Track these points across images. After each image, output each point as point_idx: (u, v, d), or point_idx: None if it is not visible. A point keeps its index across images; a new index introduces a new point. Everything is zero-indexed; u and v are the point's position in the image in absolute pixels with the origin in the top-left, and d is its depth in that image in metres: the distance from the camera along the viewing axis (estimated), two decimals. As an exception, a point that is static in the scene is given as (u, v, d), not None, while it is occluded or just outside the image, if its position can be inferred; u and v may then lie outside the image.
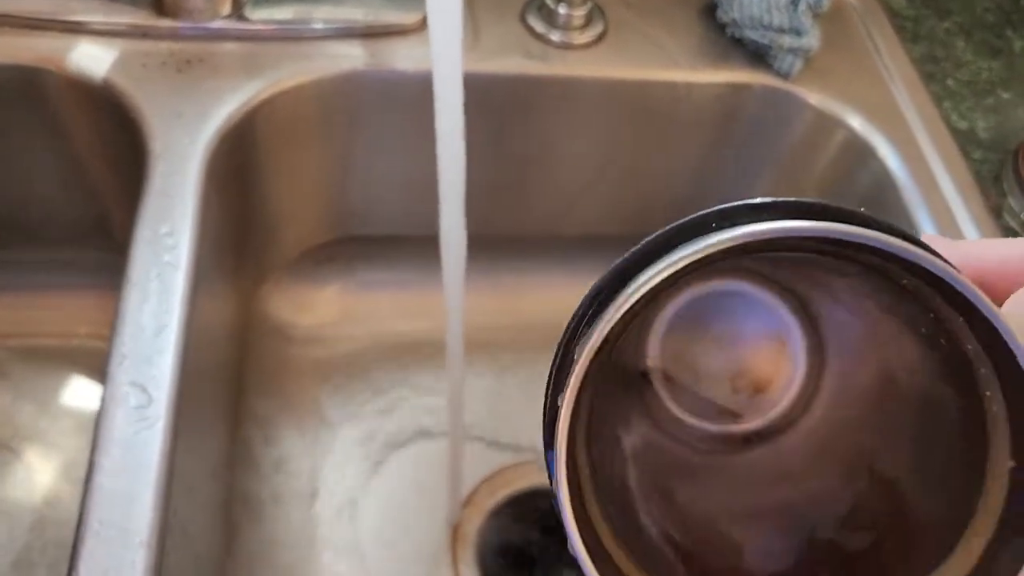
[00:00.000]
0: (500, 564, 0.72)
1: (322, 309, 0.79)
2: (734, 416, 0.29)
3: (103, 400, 0.47)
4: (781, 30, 0.65)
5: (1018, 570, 0.19)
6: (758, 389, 0.28)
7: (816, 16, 0.65)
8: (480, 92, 0.66)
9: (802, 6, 0.64)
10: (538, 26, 0.68)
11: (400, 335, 0.79)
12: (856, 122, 0.66)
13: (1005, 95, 0.70)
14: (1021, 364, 0.18)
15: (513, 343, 0.80)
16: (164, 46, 0.62)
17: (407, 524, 0.72)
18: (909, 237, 0.19)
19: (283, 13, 0.65)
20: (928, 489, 0.23)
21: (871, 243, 0.18)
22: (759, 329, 0.28)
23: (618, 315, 0.19)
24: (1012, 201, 0.62)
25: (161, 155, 0.57)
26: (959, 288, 0.18)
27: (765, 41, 0.66)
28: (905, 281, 0.19)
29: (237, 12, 0.64)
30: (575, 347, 0.21)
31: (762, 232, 0.18)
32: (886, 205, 0.64)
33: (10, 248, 0.74)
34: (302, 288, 0.78)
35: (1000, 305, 0.21)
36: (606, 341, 0.19)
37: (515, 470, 0.75)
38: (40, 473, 0.70)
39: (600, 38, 0.68)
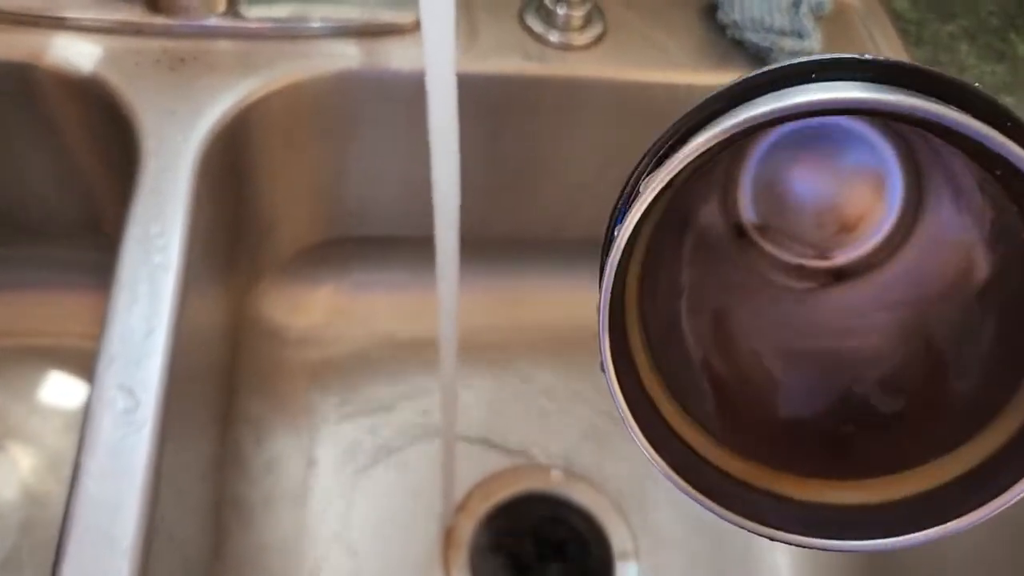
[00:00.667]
0: (493, 569, 0.71)
1: (316, 310, 0.78)
2: (818, 250, 0.28)
3: (89, 403, 0.46)
4: (782, 32, 0.65)
5: (1013, 482, 0.19)
6: (846, 227, 0.28)
7: (818, 19, 0.65)
8: (477, 93, 0.66)
9: (804, 8, 0.63)
10: (536, 26, 0.67)
11: (395, 336, 0.79)
12: (857, 126, 0.65)
13: (1009, 100, 0.69)
14: None
15: (510, 346, 0.79)
16: (157, 43, 0.61)
17: (400, 528, 0.72)
18: (1005, 120, 0.18)
19: (279, 11, 0.64)
20: (970, 369, 0.23)
21: (951, 124, 0.17)
22: (858, 166, 0.27)
23: (680, 166, 0.19)
24: (1014, 208, 0.61)
25: (153, 154, 0.57)
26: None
27: (766, 44, 0.65)
28: (997, 171, 0.19)
29: (232, 9, 0.63)
30: (641, 181, 0.21)
31: (839, 100, 0.18)
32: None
33: (2, 245, 0.73)
34: (296, 288, 0.78)
35: None
36: (670, 184, 0.20)
37: (510, 474, 0.75)
38: (30, 473, 0.70)
39: (599, 39, 0.67)
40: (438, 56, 0.44)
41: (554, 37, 0.66)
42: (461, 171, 0.51)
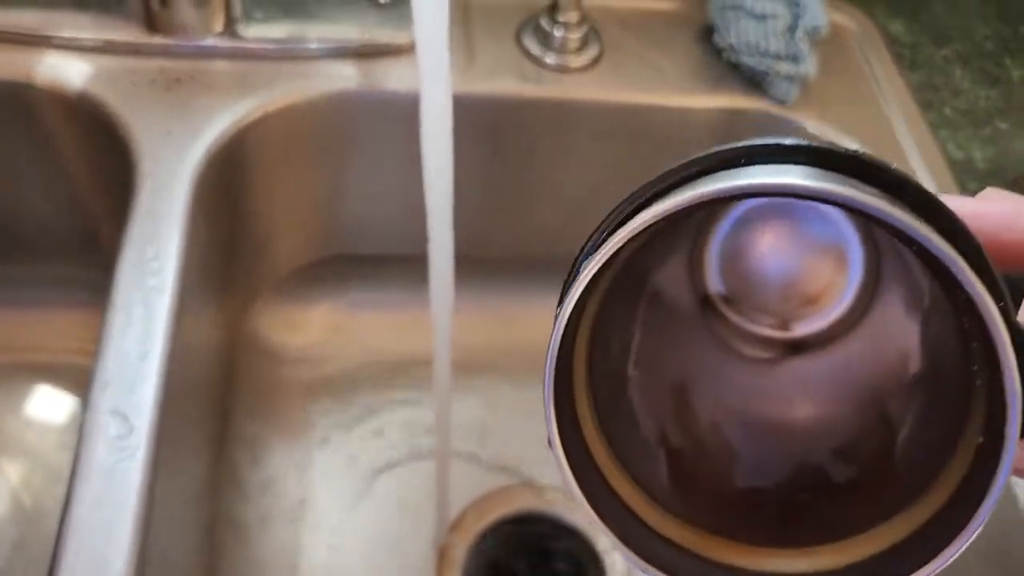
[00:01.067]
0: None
1: (312, 328, 0.78)
2: (781, 322, 0.29)
3: (83, 429, 0.46)
4: (778, 57, 0.65)
5: (952, 538, 0.20)
6: (809, 300, 0.29)
7: (814, 43, 0.65)
8: (474, 114, 0.66)
9: (799, 33, 0.64)
10: (533, 48, 0.67)
11: (391, 355, 0.79)
12: (852, 150, 0.66)
13: (1002, 125, 0.69)
14: (995, 343, 0.18)
15: (505, 364, 0.80)
16: (154, 63, 0.62)
17: (394, 546, 0.72)
18: (918, 198, 0.19)
19: (276, 31, 0.64)
20: (917, 441, 0.24)
21: (859, 206, 0.18)
22: (822, 240, 0.28)
23: (612, 250, 0.20)
24: (1008, 234, 0.61)
25: (149, 175, 0.57)
26: (941, 258, 0.18)
27: (762, 67, 0.66)
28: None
29: (229, 29, 0.63)
30: (581, 263, 0.22)
31: (750, 187, 0.19)
32: (881, 235, 0.63)
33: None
34: (292, 307, 0.78)
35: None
36: (607, 264, 0.20)
37: (504, 493, 0.75)
38: (24, 491, 0.70)
39: (596, 61, 0.67)
40: (433, 77, 0.44)
41: (551, 59, 0.67)
42: (457, 191, 0.51)
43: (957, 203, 0.21)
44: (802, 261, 0.28)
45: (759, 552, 0.23)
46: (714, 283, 0.29)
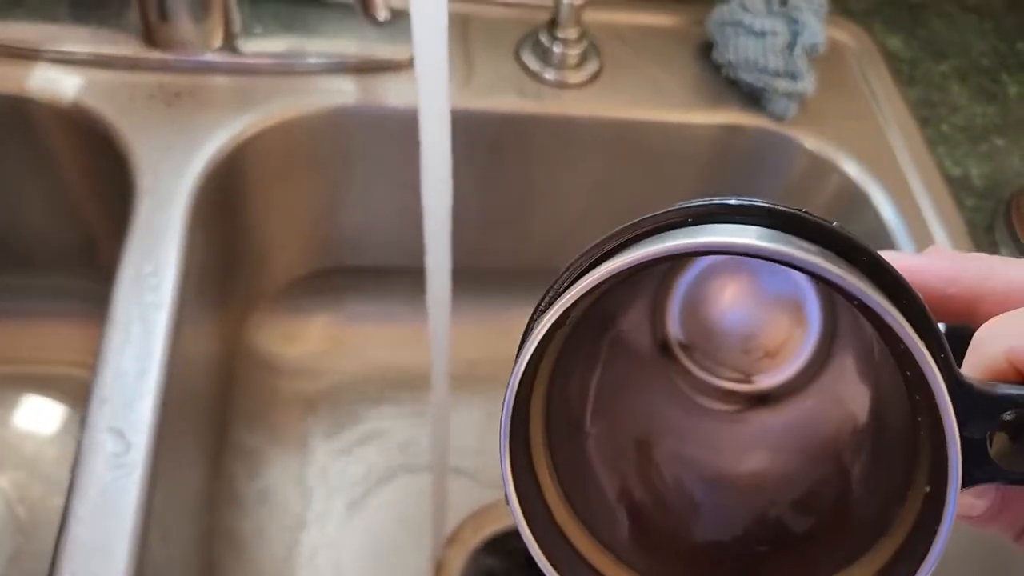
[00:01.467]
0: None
1: (310, 341, 0.79)
2: (742, 375, 0.30)
3: (80, 446, 0.46)
4: (776, 74, 0.65)
5: None
6: (769, 353, 0.29)
7: (812, 60, 0.65)
8: (473, 129, 0.66)
9: (798, 50, 0.64)
10: (532, 64, 0.67)
11: (389, 367, 0.79)
12: (850, 168, 0.66)
13: (999, 142, 0.69)
14: (933, 391, 0.18)
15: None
16: (153, 78, 0.62)
17: (391, 560, 0.72)
18: (861, 256, 0.20)
19: (275, 46, 0.64)
20: (871, 490, 0.24)
21: (798, 264, 0.18)
22: (781, 295, 0.28)
23: (563, 308, 0.20)
24: (1004, 252, 0.61)
25: (148, 191, 0.57)
26: (877, 311, 0.19)
27: (760, 84, 0.66)
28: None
29: (229, 44, 0.63)
30: (535, 319, 0.22)
31: (690, 246, 0.19)
32: (878, 252, 0.63)
33: (-1, 274, 0.73)
34: (290, 319, 0.78)
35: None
36: (562, 317, 0.21)
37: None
38: (20, 504, 0.70)
39: (595, 77, 0.67)
40: (431, 92, 0.44)
41: (550, 75, 0.67)
42: (455, 205, 0.51)
43: (903, 259, 0.22)
44: (762, 315, 0.29)
45: None
46: (675, 331, 0.30)
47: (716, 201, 0.21)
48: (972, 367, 0.21)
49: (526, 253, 0.77)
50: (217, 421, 0.69)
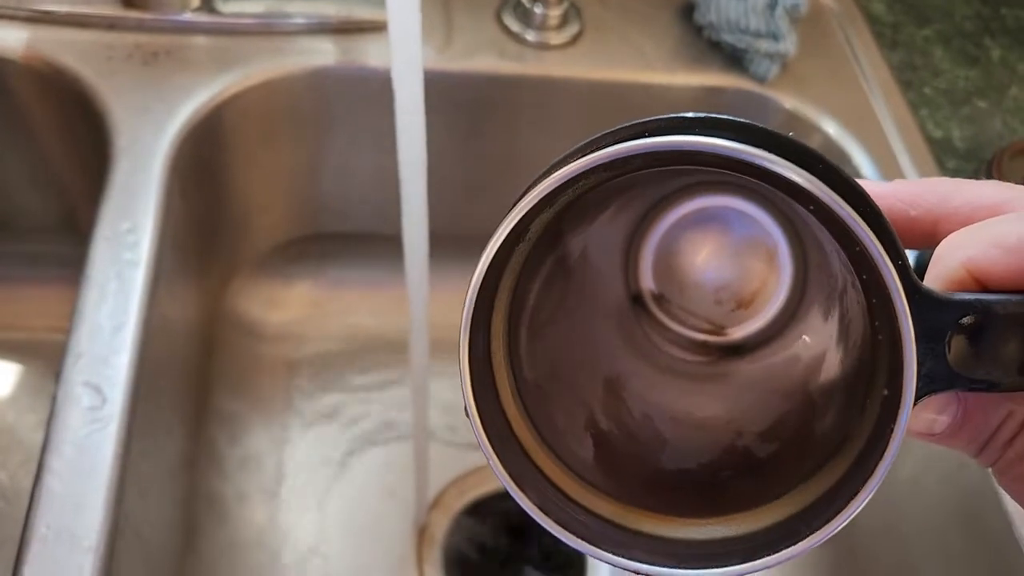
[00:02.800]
0: (466, 567, 0.71)
1: (292, 306, 0.78)
2: (714, 326, 0.30)
3: (55, 400, 0.46)
4: (758, 34, 0.65)
5: (857, 490, 0.20)
6: (741, 303, 0.29)
7: (794, 21, 0.65)
8: (454, 91, 0.66)
9: (779, 11, 0.64)
10: (514, 25, 0.67)
11: (371, 333, 0.79)
12: (831, 128, 0.66)
13: (981, 104, 0.69)
14: (889, 290, 0.19)
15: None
16: (131, 38, 0.61)
17: (373, 525, 0.72)
18: (817, 164, 0.20)
19: (254, 7, 0.64)
20: (834, 410, 0.24)
21: (754, 160, 0.19)
22: (752, 247, 0.28)
23: (514, 222, 0.21)
24: (985, 212, 0.61)
25: (125, 150, 0.56)
26: (833, 208, 0.19)
27: (742, 45, 0.65)
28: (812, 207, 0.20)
29: (207, 5, 0.63)
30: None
31: (635, 147, 0.19)
32: (859, 213, 0.63)
33: (-24, 239, 0.73)
34: (272, 285, 0.78)
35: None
36: (515, 233, 0.21)
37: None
38: (1, 469, 0.69)
39: (576, 38, 0.67)
40: (404, 50, 0.44)
41: (531, 36, 0.66)
42: (436, 169, 0.51)
43: (865, 185, 0.22)
44: (734, 266, 0.29)
45: (680, 522, 0.23)
46: (647, 283, 0.30)
47: (673, 115, 0.21)
48: (932, 280, 0.21)
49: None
50: (198, 384, 0.69)
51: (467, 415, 0.22)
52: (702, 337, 0.30)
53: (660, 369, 0.30)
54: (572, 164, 0.20)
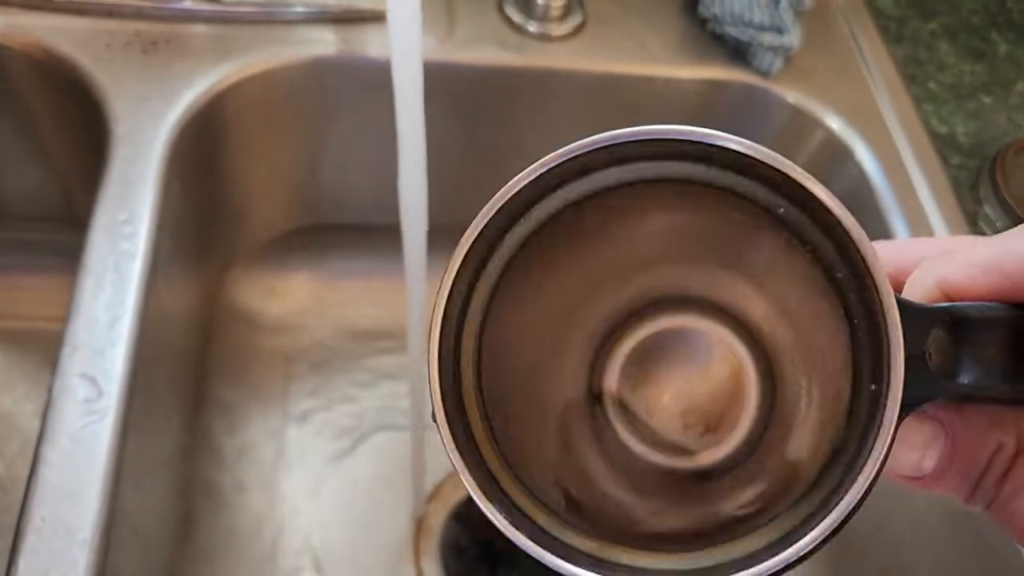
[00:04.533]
0: (463, 559, 0.71)
1: (291, 297, 0.78)
2: (685, 452, 0.28)
3: (51, 392, 0.46)
4: (762, 27, 0.64)
5: (855, 480, 0.20)
6: (709, 427, 0.28)
7: (798, 14, 0.64)
8: (455, 82, 0.65)
9: (784, 3, 0.63)
10: (515, 16, 0.66)
11: (370, 324, 0.78)
12: (835, 123, 0.65)
13: (987, 100, 0.69)
14: (875, 280, 0.19)
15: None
16: (130, 26, 0.61)
17: (371, 516, 0.72)
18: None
19: (255, -5, 0.63)
20: (817, 443, 0.24)
21: (752, 154, 0.20)
22: (715, 368, 0.28)
23: (476, 231, 0.23)
24: (988, 209, 0.61)
25: (123, 139, 0.56)
26: (810, 189, 0.20)
27: (745, 38, 0.65)
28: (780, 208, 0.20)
29: (207, -7, 0.62)
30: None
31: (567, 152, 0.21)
32: (861, 208, 0.63)
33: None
34: (271, 275, 0.77)
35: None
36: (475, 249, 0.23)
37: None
38: (-2, 457, 0.69)
39: (578, 30, 0.67)
40: (404, 40, 0.44)
41: (533, 27, 0.66)
42: (437, 160, 0.51)
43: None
44: (702, 389, 0.28)
45: (663, 555, 0.22)
46: (611, 384, 0.29)
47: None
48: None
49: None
50: (196, 374, 0.69)
51: (433, 419, 0.21)
52: (668, 463, 0.29)
53: (621, 472, 0.29)
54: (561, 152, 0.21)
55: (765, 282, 0.26)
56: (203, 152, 0.62)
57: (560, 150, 0.21)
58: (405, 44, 0.44)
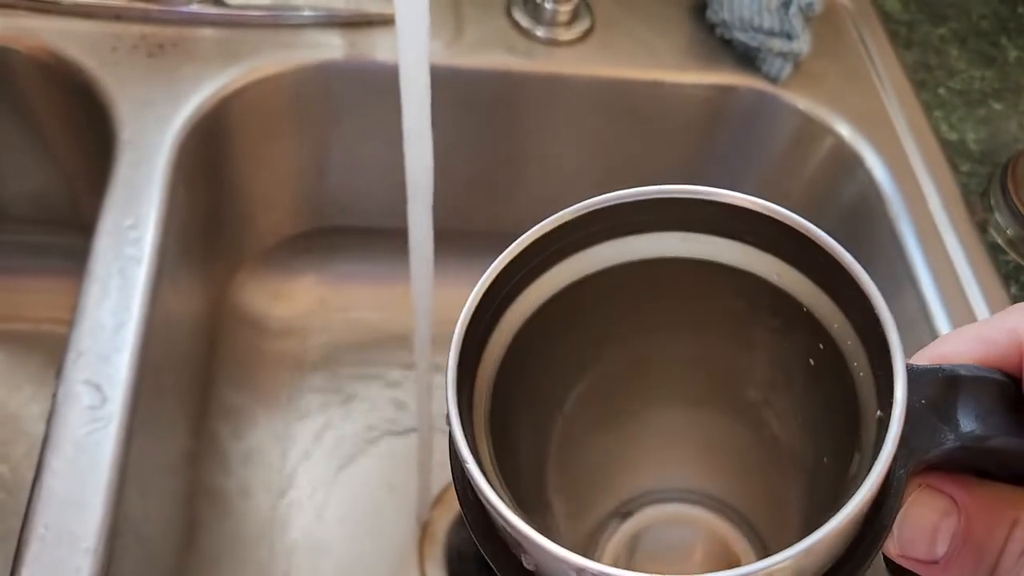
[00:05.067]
0: (468, 565, 0.71)
1: (297, 300, 0.78)
2: None
3: (56, 399, 0.45)
4: (771, 33, 0.64)
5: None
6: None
7: (808, 19, 0.64)
8: (462, 87, 0.65)
9: (793, 9, 0.63)
10: (523, 21, 0.66)
11: (376, 328, 0.78)
12: (844, 129, 0.65)
13: (997, 106, 0.68)
14: (884, 326, 0.20)
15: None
16: (136, 29, 0.61)
17: (376, 521, 0.71)
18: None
19: (262, -1, 0.63)
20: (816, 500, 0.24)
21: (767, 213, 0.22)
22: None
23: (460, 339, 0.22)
24: (998, 217, 0.61)
25: (129, 143, 0.56)
26: (819, 243, 0.21)
27: (755, 44, 0.65)
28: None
29: (214, -4, 0.62)
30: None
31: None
32: (871, 216, 0.63)
33: (-19, 230, 0.72)
34: (277, 279, 0.77)
35: None
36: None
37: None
38: (3, 462, 0.69)
39: (586, 35, 0.66)
40: (411, 44, 0.43)
41: (541, 32, 0.66)
42: (444, 165, 0.50)
43: None
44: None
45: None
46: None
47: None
48: None
49: (514, 214, 0.76)
50: (201, 379, 0.69)
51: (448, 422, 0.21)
52: None
53: None
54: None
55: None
56: (209, 156, 0.62)
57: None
58: (413, 48, 0.43)
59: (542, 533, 0.19)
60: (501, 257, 0.23)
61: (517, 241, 0.23)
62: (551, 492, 0.27)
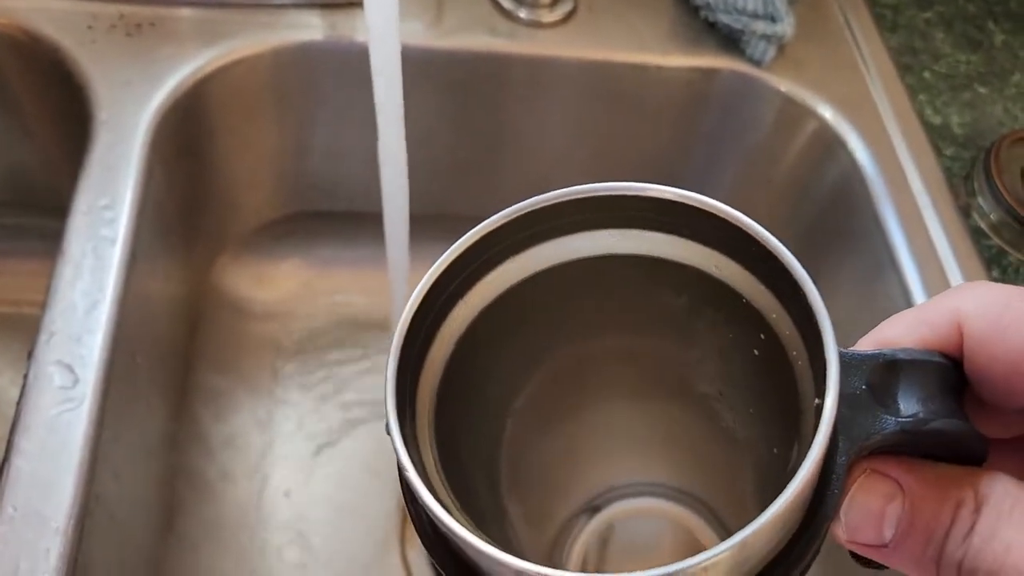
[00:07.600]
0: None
1: (279, 284, 0.77)
2: None
3: (27, 379, 0.45)
4: (755, 15, 0.64)
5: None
6: None
7: (792, 2, 0.64)
8: (443, 69, 0.65)
9: (777, -9, 0.62)
10: (506, 2, 0.65)
11: (358, 312, 0.78)
12: (827, 112, 0.64)
13: (982, 90, 0.68)
14: (816, 315, 0.20)
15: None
16: (114, 8, 0.60)
17: (358, 505, 0.71)
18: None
19: (241, -22, 0.62)
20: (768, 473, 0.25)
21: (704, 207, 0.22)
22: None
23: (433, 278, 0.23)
24: (982, 201, 0.60)
25: (106, 124, 0.55)
26: (755, 236, 0.21)
27: (738, 26, 0.64)
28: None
29: (193, -24, 0.62)
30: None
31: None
32: (853, 199, 0.62)
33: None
34: (259, 262, 0.77)
35: None
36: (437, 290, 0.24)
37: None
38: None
39: (569, 17, 0.66)
40: (380, 21, 0.43)
41: (523, 14, 0.65)
42: (424, 148, 0.50)
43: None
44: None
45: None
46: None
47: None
48: None
49: (495, 197, 0.76)
50: (181, 362, 0.68)
51: (387, 431, 0.21)
52: None
53: None
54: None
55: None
56: (188, 138, 0.61)
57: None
58: (381, 23, 0.43)
59: (498, 539, 0.19)
60: (438, 263, 0.23)
61: (453, 246, 0.23)
62: (506, 498, 0.26)
